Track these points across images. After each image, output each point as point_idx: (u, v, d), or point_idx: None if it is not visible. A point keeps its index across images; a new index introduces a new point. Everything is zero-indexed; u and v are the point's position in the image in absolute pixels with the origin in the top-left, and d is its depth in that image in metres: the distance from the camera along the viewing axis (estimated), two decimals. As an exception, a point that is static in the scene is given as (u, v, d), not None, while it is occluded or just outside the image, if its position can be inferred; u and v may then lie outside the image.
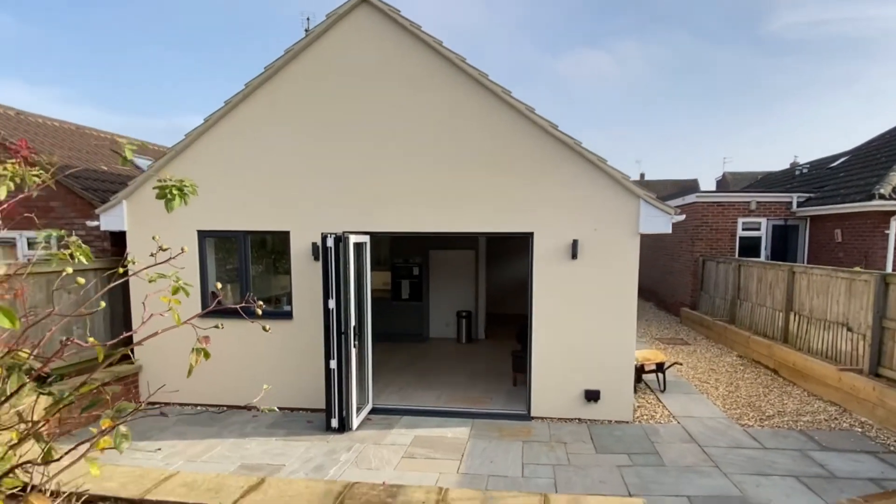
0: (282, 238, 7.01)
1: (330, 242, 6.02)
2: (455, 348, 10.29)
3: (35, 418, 2.07)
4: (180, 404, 7.12)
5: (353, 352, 6.19)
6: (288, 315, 6.94)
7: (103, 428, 1.88)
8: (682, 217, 6.50)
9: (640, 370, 7.31)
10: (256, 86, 6.82)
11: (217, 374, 7.04)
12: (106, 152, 10.88)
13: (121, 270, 2.17)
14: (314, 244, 6.66)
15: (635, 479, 4.75)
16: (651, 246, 17.21)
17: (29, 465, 1.96)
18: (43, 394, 2.12)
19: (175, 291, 2.35)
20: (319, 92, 6.74)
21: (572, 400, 6.46)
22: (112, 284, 2.60)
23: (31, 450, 1.98)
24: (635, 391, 7.28)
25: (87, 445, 1.85)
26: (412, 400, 7.09)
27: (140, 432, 6.12)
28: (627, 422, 6.25)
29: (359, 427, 6.23)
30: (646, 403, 6.87)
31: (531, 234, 6.47)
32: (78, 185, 8.29)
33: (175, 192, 2.56)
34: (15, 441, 1.94)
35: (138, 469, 4.08)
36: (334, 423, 6.10)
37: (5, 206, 2.26)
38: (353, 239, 6.19)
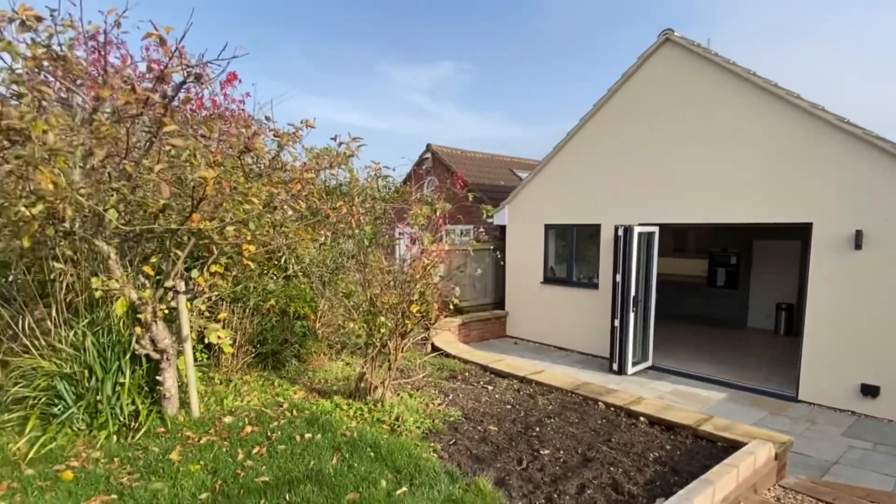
0: (595, 229, 9.32)
1: (620, 232, 8.02)
2: (766, 339, 10.13)
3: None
4: (526, 340, 10.48)
5: (631, 316, 8.00)
6: (595, 286, 9.24)
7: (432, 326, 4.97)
8: None
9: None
10: (587, 119, 9.34)
11: (549, 323, 10.05)
12: (504, 171, 15.60)
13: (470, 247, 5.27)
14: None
15: (856, 456, 4.97)
16: None
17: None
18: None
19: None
20: (626, 119, 8.71)
21: (846, 391, 6.33)
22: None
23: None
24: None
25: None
26: (690, 368, 8.22)
27: (502, 350, 9.69)
28: (912, 425, 5.77)
29: (633, 374, 8.02)
30: (963, 420, 5.90)
31: (810, 224, 6.65)
32: (485, 196, 12.80)
33: (488, 209, 5.69)
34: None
35: (487, 354, 7.39)
36: (614, 366, 8.10)
37: (444, 214, 5.69)
38: (637, 229, 7.97)
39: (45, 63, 3.53)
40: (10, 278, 4.52)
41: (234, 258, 4.71)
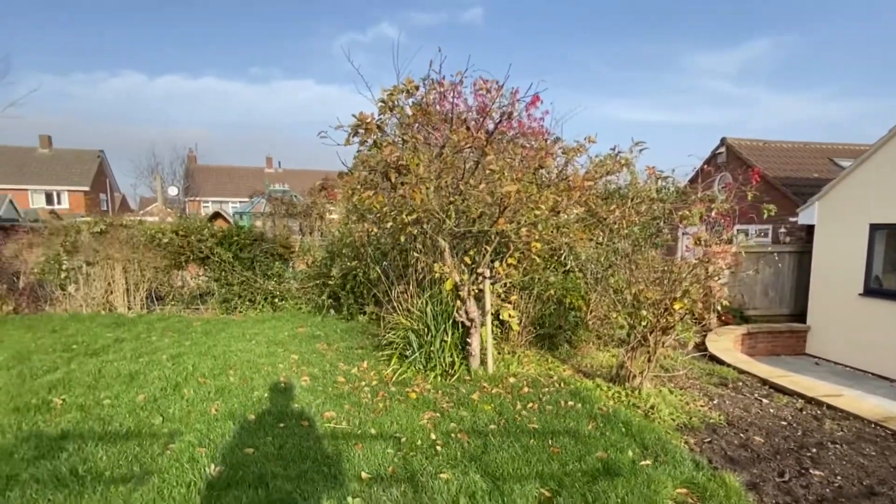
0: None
1: None
2: None
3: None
4: (832, 361, 8.87)
5: None
6: (945, 307, 7.24)
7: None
8: None
9: None
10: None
11: (868, 345, 8.29)
12: (821, 161, 13.03)
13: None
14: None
15: None
16: None
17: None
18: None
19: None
20: None
21: None
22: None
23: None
24: None
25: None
26: None
27: (795, 368, 8.53)
28: None
29: None
30: None
31: None
32: (789, 191, 11.15)
33: (769, 209, 5.37)
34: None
35: (770, 368, 6.87)
36: (965, 409, 6.28)
37: (733, 213, 5.72)
38: None
39: (418, 116, 5.28)
40: (385, 263, 6.78)
41: (524, 253, 5.84)
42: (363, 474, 3.48)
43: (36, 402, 4.66)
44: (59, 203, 37.66)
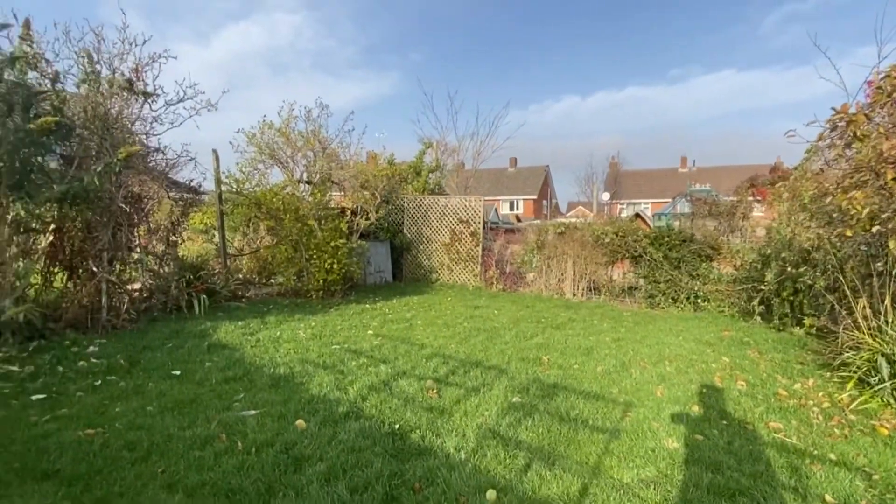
0: None
1: None
2: None
3: None
4: None
5: None
6: None
7: None
8: None
9: None
10: None
11: None
12: None
13: None
14: None
15: None
16: None
17: None
18: None
19: None
20: None
21: None
22: None
23: None
24: None
25: None
26: None
27: None
28: None
29: None
30: None
31: None
32: None
33: None
34: None
35: None
36: None
37: None
38: None
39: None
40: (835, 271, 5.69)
41: None
42: (827, 497, 3.24)
43: (532, 357, 6.39)
44: (517, 209, 47.98)
